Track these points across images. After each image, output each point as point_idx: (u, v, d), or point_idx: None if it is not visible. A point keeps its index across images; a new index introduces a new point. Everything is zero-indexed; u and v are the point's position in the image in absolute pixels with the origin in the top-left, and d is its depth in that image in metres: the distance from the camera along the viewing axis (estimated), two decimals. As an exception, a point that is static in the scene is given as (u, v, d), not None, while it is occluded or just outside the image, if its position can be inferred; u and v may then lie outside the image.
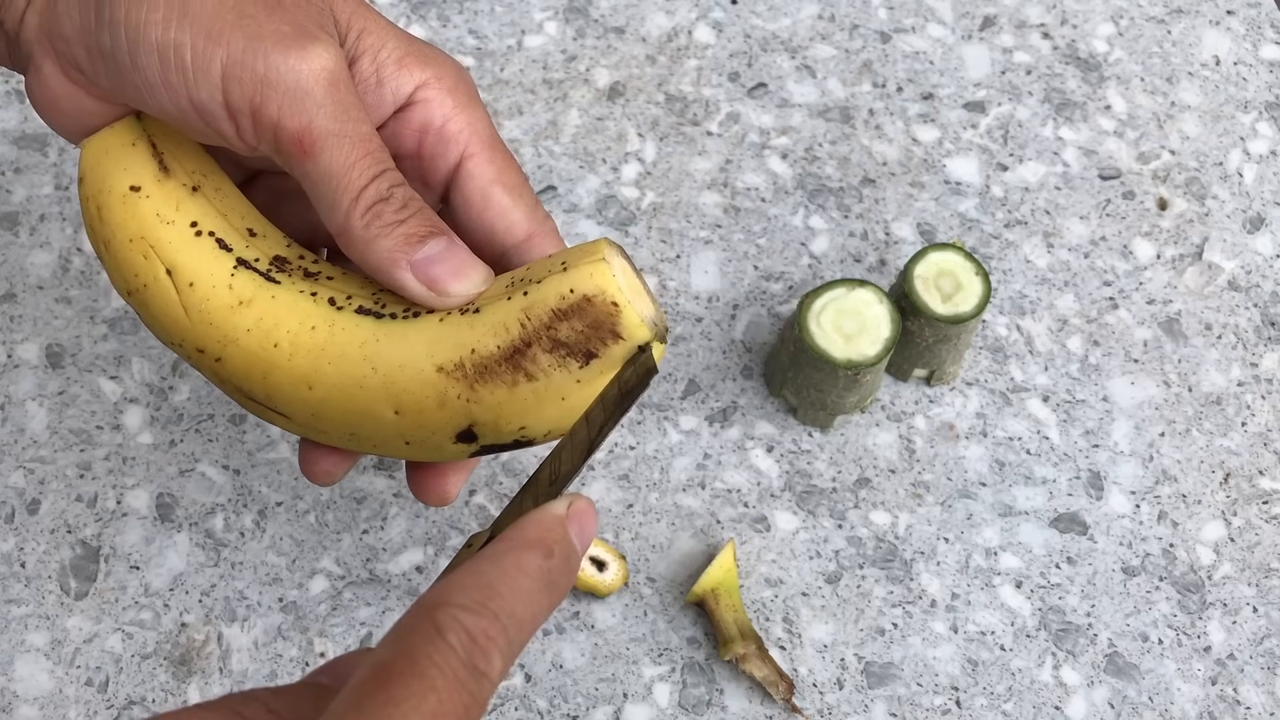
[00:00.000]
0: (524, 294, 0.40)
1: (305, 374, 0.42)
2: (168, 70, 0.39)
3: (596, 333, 0.40)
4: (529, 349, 0.40)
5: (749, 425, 0.59)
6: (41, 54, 0.41)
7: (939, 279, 0.57)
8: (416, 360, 0.41)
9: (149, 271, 0.43)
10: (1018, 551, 0.57)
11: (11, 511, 0.56)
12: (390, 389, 0.42)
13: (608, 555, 0.55)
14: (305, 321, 0.42)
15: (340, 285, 0.43)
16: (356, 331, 0.42)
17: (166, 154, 0.43)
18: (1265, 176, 0.66)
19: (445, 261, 0.41)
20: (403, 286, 0.41)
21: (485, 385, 0.41)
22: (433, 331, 0.41)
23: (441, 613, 0.31)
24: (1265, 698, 0.55)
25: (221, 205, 0.44)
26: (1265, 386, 0.61)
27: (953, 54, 0.68)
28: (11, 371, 0.59)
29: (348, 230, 0.41)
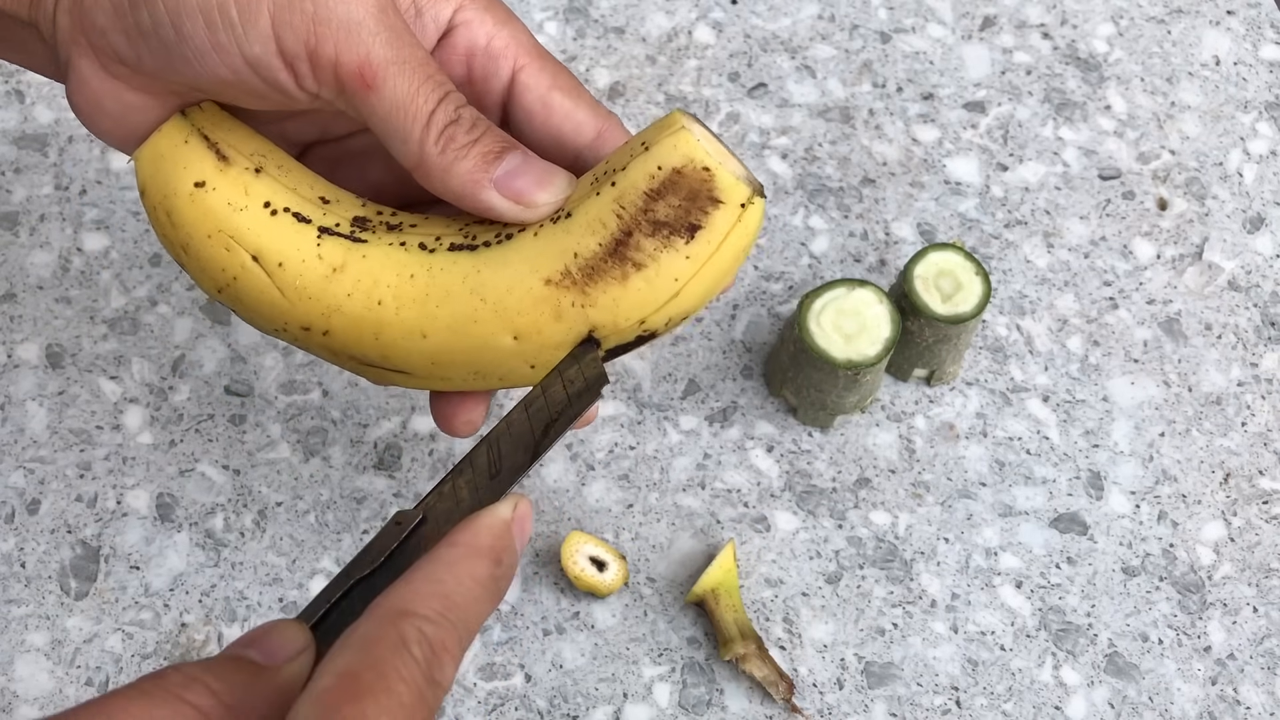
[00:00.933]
0: (612, 184, 0.39)
1: (416, 324, 0.42)
2: (216, 31, 0.38)
3: (694, 203, 0.39)
4: (630, 238, 0.39)
5: (749, 425, 0.59)
6: (78, 53, 0.41)
7: (939, 279, 0.57)
8: (522, 279, 0.40)
9: (235, 263, 0.42)
10: (1018, 551, 0.57)
11: (11, 511, 0.56)
12: (503, 315, 0.41)
13: (608, 555, 0.55)
14: (402, 272, 0.41)
15: (425, 229, 0.42)
16: (455, 268, 0.41)
17: (221, 143, 0.42)
18: (1265, 176, 0.66)
19: (527, 173, 0.40)
20: (490, 207, 0.40)
21: (596, 286, 0.40)
22: (531, 248, 0.40)
23: (407, 625, 0.32)
24: (1265, 698, 0.55)
25: (288, 180, 0.43)
26: (1265, 386, 0.61)
27: (953, 54, 0.68)
28: (11, 371, 0.59)
29: (424, 159, 0.40)
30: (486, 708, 0.53)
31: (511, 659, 0.54)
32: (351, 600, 0.37)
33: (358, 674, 0.31)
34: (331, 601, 0.37)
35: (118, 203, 0.63)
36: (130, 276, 0.61)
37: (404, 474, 0.58)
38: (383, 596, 0.33)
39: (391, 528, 0.38)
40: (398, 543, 0.38)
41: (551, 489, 0.58)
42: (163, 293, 0.61)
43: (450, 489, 0.39)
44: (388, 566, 0.38)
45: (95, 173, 0.63)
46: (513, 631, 0.55)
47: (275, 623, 0.35)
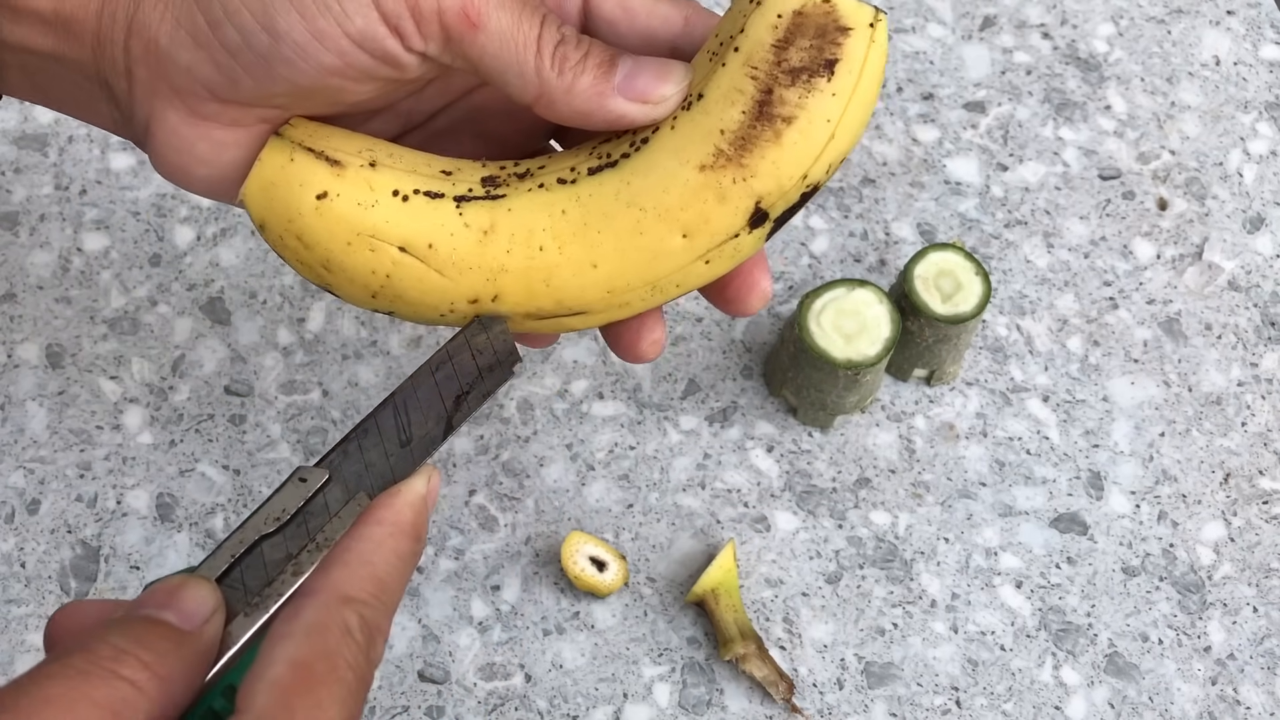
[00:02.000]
0: (735, 50, 0.39)
1: (583, 256, 0.41)
2: (314, 19, 0.37)
3: (825, 39, 0.38)
4: (772, 95, 0.39)
5: (749, 425, 0.59)
6: (162, 104, 0.39)
7: (939, 279, 0.57)
8: (676, 174, 0.40)
9: (384, 260, 0.41)
10: (1018, 551, 0.57)
11: (11, 511, 0.56)
12: (667, 217, 0.40)
13: (608, 555, 0.55)
14: (553, 211, 0.41)
15: (554, 166, 0.41)
16: (604, 189, 0.41)
17: (326, 149, 0.41)
18: (1265, 176, 0.66)
19: (643, 72, 0.40)
20: (620, 115, 0.40)
21: (752, 154, 0.39)
22: (674, 141, 0.40)
23: (349, 611, 0.34)
24: (1265, 698, 0.55)
25: (405, 164, 0.41)
26: (1265, 386, 0.61)
27: (953, 54, 0.68)
28: (11, 371, 0.59)
29: (544, 86, 0.39)
30: (486, 708, 0.53)
31: (511, 659, 0.54)
32: (255, 557, 0.37)
33: (310, 663, 0.32)
34: (235, 558, 0.37)
35: (118, 203, 0.63)
36: (130, 276, 0.61)
37: (404, 474, 0.58)
38: (321, 579, 0.34)
39: (295, 484, 0.38)
40: (304, 502, 0.38)
41: (551, 489, 0.58)
42: (163, 293, 0.61)
43: (356, 449, 0.39)
44: (295, 526, 0.38)
45: (95, 173, 0.63)
46: (513, 631, 0.55)
47: (184, 581, 0.35)
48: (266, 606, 0.36)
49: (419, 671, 0.54)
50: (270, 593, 0.37)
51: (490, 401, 0.41)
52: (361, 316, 0.61)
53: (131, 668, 0.31)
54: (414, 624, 0.55)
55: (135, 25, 0.39)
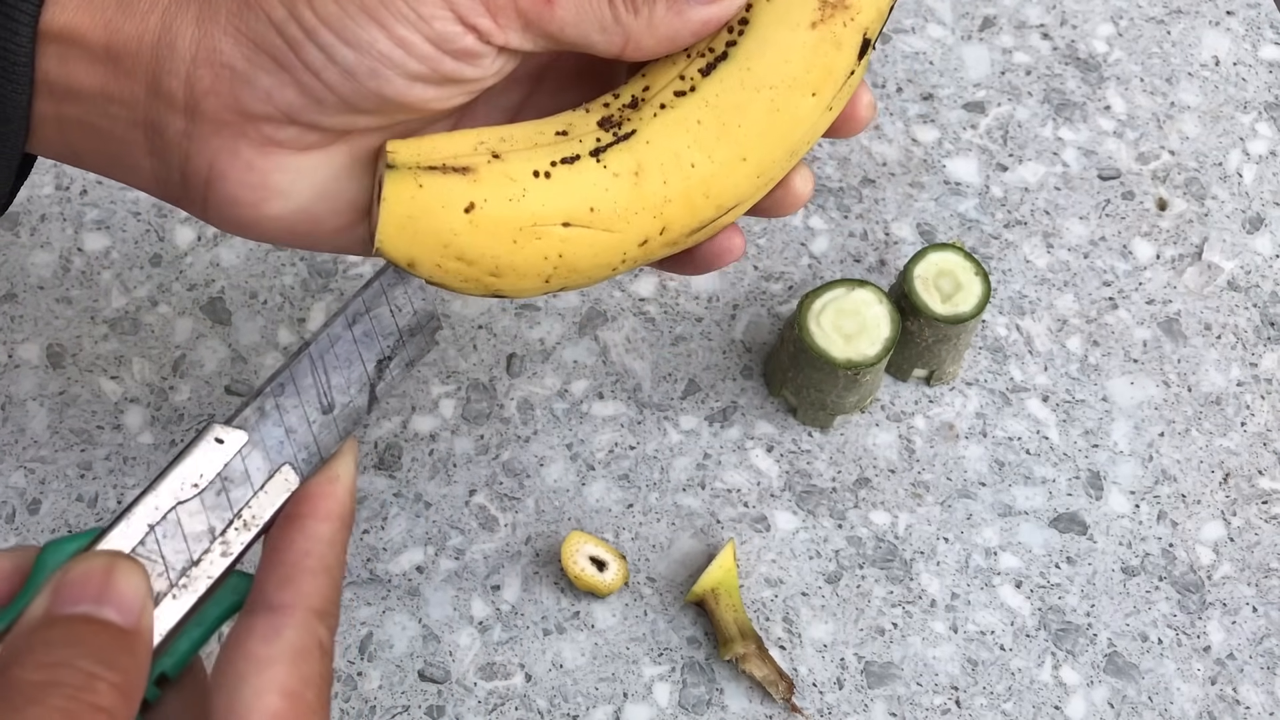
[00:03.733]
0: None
1: (734, 154, 0.41)
2: (394, 28, 0.37)
3: None
4: None
5: (749, 425, 0.59)
6: (233, 137, 0.39)
7: (939, 279, 0.57)
8: (792, 40, 0.41)
9: (553, 242, 0.40)
10: (1017, 551, 0.58)
11: (12, 511, 0.56)
12: (796, 84, 0.41)
13: (608, 555, 0.55)
14: (689, 126, 0.41)
15: (660, 83, 0.41)
16: (727, 83, 0.41)
17: (445, 160, 0.39)
18: (1265, 176, 0.66)
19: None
20: (705, 20, 0.40)
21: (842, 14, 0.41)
22: (774, 13, 0.41)
23: (323, 627, 0.34)
24: (1265, 698, 0.55)
25: (522, 141, 0.40)
26: (1265, 386, 0.61)
27: (952, 54, 0.68)
28: (12, 371, 0.59)
29: (627, 31, 0.40)
30: (486, 708, 0.54)
31: (511, 659, 0.55)
32: (172, 525, 0.35)
33: (302, 693, 0.33)
34: (151, 526, 0.35)
35: (118, 203, 0.63)
36: (131, 276, 0.61)
37: (404, 474, 0.58)
38: (291, 592, 0.34)
39: (211, 444, 0.37)
40: (221, 466, 0.36)
41: (551, 489, 0.58)
42: (163, 293, 0.61)
43: (274, 409, 0.37)
44: (214, 495, 0.36)
45: (96, 173, 0.63)
46: (513, 631, 0.55)
47: (112, 566, 0.33)
48: (195, 589, 0.35)
49: (419, 671, 0.54)
50: (198, 573, 0.35)
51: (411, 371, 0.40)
52: (362, 316, 0.61)
53: (104, 694, 0.31)
54: (414, 624, 0.55)
55: (201, 54, 0.38)
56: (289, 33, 0.38)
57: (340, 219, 0.41)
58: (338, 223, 0.41)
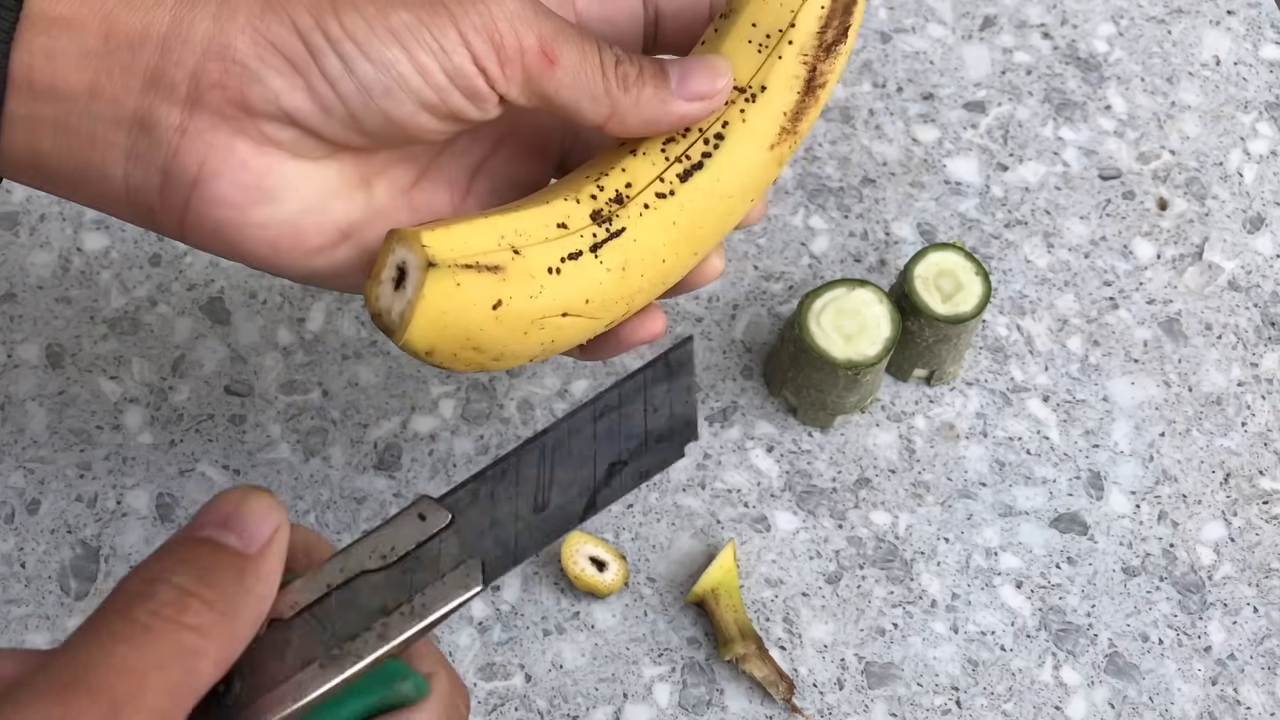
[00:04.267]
0: (789, 43, 0.44)
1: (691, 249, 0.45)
2: (416, 52, 0.39)
3: (846, 14, 0.45)
4: (815, 71, 0.45)
5: (749, 425, 0.59)
6: (231, 133, 0.39)
7: (939, 279, 0.57)
8: (755, 160, 0.45)
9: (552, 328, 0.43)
10: (1018, 551, 0.57)
11: (11, 511, 0.56)
12: (746, 194, 0.46)
13: (608, 555, 0.55)
14: (667, 227, 0.44)
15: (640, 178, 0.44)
16: (700, 191, 0.45)
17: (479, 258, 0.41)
18: (1265, 176, 0.66)
19: (693, 72, 0.44)
20: (684, 115, 0.43)
21: (802, 123, 0.45)
22: (749, 133, 0.45)
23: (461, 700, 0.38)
24: (1265, 698, 0.55)
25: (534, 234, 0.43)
26: (1265, 386, 0.61)
27: (953, 54, 0.68)
28: (11, 371, 0.59)
29: (614, 105, 0.42)
30: (486, 708, 0.53)
31: (511, 659, 0.54)
32: (351, 593, 0.34)
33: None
34: (331, 587, 0.34)
35: (118, 203, 0.63)
36: (130, 276, 0.61)
37: (404, 474, 0.58)
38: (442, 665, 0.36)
39: (414, 519, 0.35)
40: (416, 545, 0.35)
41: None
42: (163, 293, 0.61)
43: (487, 496, 0.35)
44: (399, 573, 0.35)
45: (95, 173, 0.63)
46: (513, 631, 0.55)
47: (245, 495, 0.33)
48: (343, 666, 0.33)
49: (419, 671, 0.54)
50: (351, 650, 0.34)
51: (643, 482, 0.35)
52: (362, 317, 0.61)
53: (196, 613, 0.31)
54: (414, 624, 0.55)
55: (214, 49, 0.38)
56: (313, 40, 0.39)
57: (322, 238, 0.42)
58: (319, 241, 0.42)
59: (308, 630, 0.34)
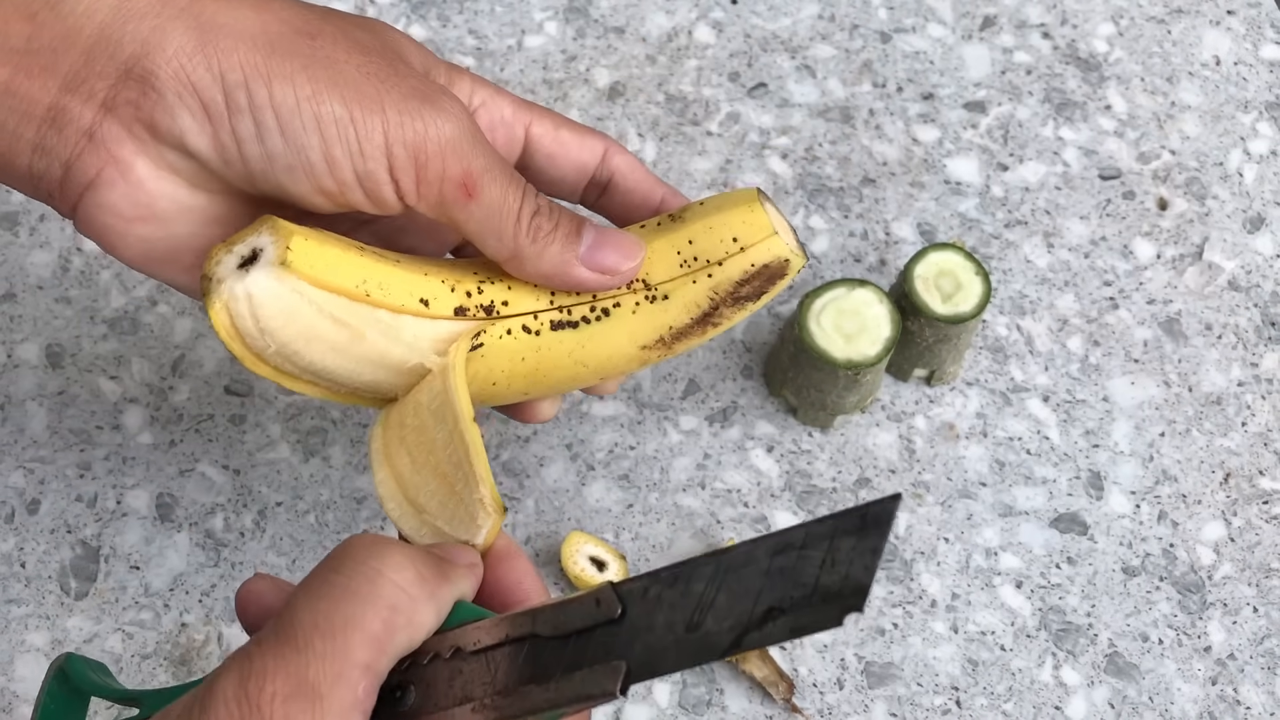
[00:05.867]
0: (709, 276, 0.46)
1: (522, 389, 0.47)
2: (332, 145, 0.39)
3: (770, 282, 0.47)
4: (717, 310, 0.47)
5: (749, 425, 0.59)
6: (134, 150, 0.39)
7: (939, 279, 0.57)
8: (622, 348, 0.47)
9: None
10: (1018, 551, 0.57)
11: (11, 511, 0.56)
12: (599, 373, 0.48)
13: (608, 555, 0.55)
14: (514, 358, 0.45)
15: (517, 304, 0.45)
16: (561, 346, 0.46)
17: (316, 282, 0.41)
18: (1265, 176, 0.66)
19: (604, 245, 0.45)
20: (580, 281, 0.45)
21: (681, 343, 0.48)
22: (631, 323, 0.47)
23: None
24: (1265, 698, 0.55)
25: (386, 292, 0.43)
26: (1265, 386, 0.61)
27: (953, 54, 0.68)
28: (11, 371, 0.59)
29: (518, 252, 0.43)
30: (486, 708, 0.53)
31: (511, 659, 0.54)
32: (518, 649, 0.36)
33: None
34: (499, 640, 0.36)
35: (118, 203, 0.63)
36: (130, 276, 0.61)
37: (404, 474, 0.58)
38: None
39: (591, 603, 0.36)
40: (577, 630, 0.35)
41: (551, 489, 0.58)
42: (163, 293, 0.61)
43: (655, 597, 0.35)
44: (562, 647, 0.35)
45: (95, 173, 0.63)
46: (513, 631, 0.55)
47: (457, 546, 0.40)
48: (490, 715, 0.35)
49: (419, 671, 0.54)
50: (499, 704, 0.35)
51: (793, 637, 0.33)
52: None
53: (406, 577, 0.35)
54: (414, 624, 0.55)
55: (137, 71, 0.39)
56: (234, 97, 0.39)
57: (197, 257, 0.42)
58: (194, 260, 0.42)
59: (477, 670, 0.36)
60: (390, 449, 0.43)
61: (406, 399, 0.44)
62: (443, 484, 0.42)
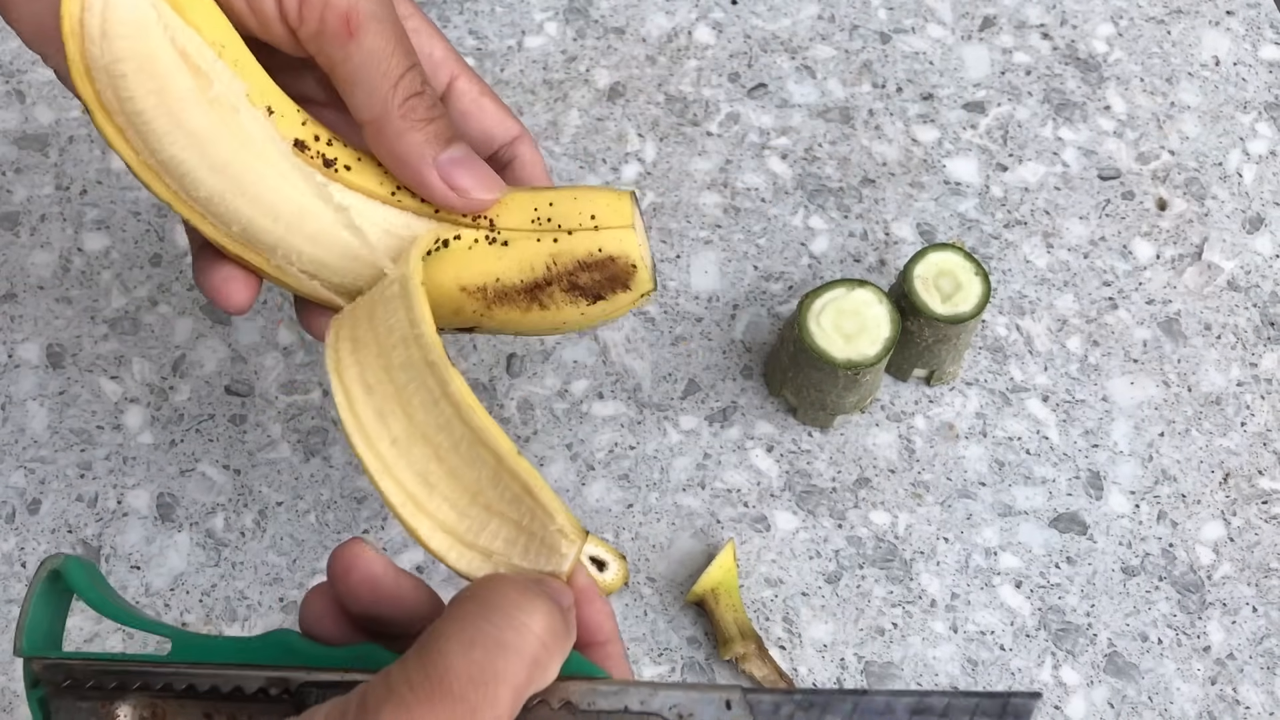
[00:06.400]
0: (554, 240, 0.44)
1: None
2: None
3: (611, 284, 0.45)
4: (549, 286, 0.45)
5: (749, 425, 0.59)
6: None
7: (939, 279, 0.57)
8: (444, 282, 0.45)
9: None
10: (1017, 551, 0.58)
11: (12, 511, 0.56)
12: (416, 272, 0.44)
13: (608, 555, 0.55)
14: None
15: (359, 177, 0.44)
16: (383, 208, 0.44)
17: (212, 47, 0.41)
18: (1264, 176, 0.66)
19: (468, 167, 0.43)
20: (425, 183, 0.43)
21: (501, 307, 0.45)
22: (462, 259, 0.44)
23: None
24: (1264, 697, 0.55)
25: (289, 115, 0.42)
26: (1265, 386, 0.61)
27: (952, 54, 0.68)
28: (12, 371, 0.59)
29: (384, 117, 0.42)
30: (487, 707, 0.53)
31: (512, 659, 0.54)
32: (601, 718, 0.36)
33: None
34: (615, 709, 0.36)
35: (118, 203, 0.63)
36: (131, 276, 0.61)
37: (404, 474, 0.58)
38: None
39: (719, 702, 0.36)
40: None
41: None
42: (163, 293, 0.61)
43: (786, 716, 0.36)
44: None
45: (96, 173, 0.63)
46: (513, 631, 0.55)
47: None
48: None
49: (419, 671, 0.54)
50: None
51: None
52: (362, 316, 0.61)
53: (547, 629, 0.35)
54: (414, 624, 0.55)
55: None
56: None
57: None
58: None
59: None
60: (403, 479, 0.42)
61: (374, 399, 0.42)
62: (504, 522, 0.41)
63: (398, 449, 0.42)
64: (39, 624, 0.39)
